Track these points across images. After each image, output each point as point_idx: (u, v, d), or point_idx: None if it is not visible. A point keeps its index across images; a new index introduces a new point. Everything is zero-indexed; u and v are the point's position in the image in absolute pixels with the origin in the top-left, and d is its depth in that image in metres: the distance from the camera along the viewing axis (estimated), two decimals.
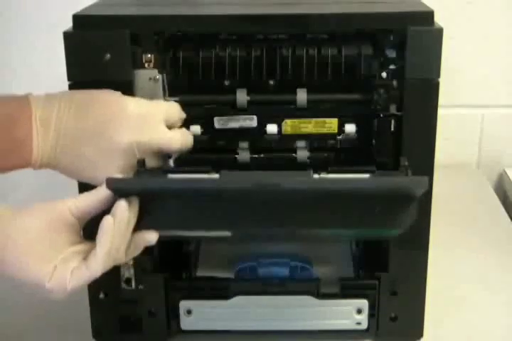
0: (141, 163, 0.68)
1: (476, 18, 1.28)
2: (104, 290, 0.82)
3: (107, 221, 0.61)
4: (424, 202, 0.77)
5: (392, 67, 0.74)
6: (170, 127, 0.71)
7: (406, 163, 0.68)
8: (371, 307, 0.82)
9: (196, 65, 0.75)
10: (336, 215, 0.65)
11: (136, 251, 0.66)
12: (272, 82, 0.76)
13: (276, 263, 0.85)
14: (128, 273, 0.81)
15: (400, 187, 0.64)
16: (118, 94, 0.70)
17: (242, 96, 0.76)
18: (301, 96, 0.76)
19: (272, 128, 0.78)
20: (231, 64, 0.75)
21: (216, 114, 0.77)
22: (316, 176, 0.68)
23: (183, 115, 0.73)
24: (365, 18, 0.74)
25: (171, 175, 0.68)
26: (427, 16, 0.73)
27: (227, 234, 0.67)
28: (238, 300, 0.81)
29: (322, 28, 0.74)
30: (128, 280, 0.81)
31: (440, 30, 0.72)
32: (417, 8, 0.76)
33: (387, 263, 0.80)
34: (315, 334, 0.83)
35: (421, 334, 0.84)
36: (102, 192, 0.63)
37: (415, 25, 0.72)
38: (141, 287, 0.81)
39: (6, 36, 1.31)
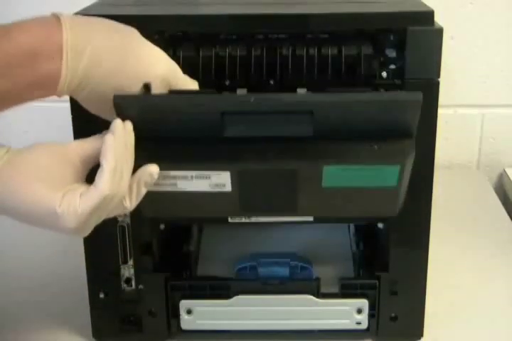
0: (147, 88, 0.68)
1: (476, 18, 1.29)
2: (104, 290, 0.82)
3: (108, 137, 0.62)
4: (424, 202, 0.77)
5: (392, 66, 0.74)
6: None
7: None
8: (371, 307, 0.82)
9: (196, 65, 0.75)
10: (334, 147, 0.66)
11: (140, 192, 0.65)
12: (272, 82, 0.76)
13: (276, 262, 0.85)
14: (128, 273, 0.81)
15: (396, 98, 0.65)
16: (159, 53, 0.69)
17: None
18: None
19: None
20: (231, 64, 0.75)
21: None
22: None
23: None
24: (365, 18, 0.74)
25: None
26: (427, 16, 0.73)
27: (226, 181, 0.67)
28: (238, 299, 0.81)
29: (322, 28, 0.74)
30: (128, 280, 0.81)
31: (440, 30, 0.72)
32: (417, 8, 0.76)
33: (387, 263, 0.80)
34: (315, 334, 0.83)
35: (421, 334, 0.84)
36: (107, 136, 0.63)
37: (415, 25, 0.72)
38: (141, 287, 0.81)
39: None
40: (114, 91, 0.65)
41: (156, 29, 0.74)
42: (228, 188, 0.69)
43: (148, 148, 0.66)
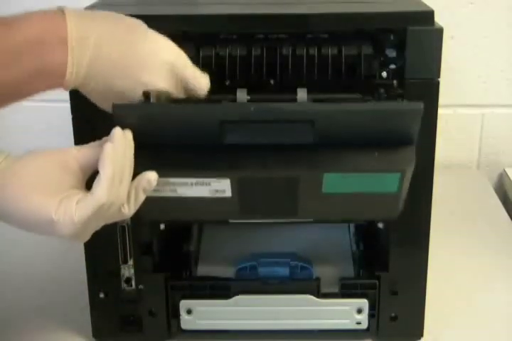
0: (147, 97, 0.68)
1: (476, 18, 1.29)
2: (104, 290, 0.82)
3: (107, 146, 0.62)
4: (424, 202, 0.77)
5: (392, 66, 0.74)
6: None
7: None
8: (371, 307, 0.82)
9: (196, 65, 0.75)
10: (334, 155, 0.66)
11: (138, 198, 0.65)
12: (272, 82, 0.76)
13: (276, 262, 0.85)
14: (128, 272, 0.81)
15: (397, 108, 0.65)
16: (164, 40, 0.68)
17: (242, 96, 0.76)
18: (302, 95, 0.76)
19: None
20: (231, 63, 0.75)
21: None
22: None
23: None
24: (365, 18, 0.74)
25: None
26: (427, 16, 0.73)
27: (226, 187, 0.67)
28: (238, 299, 0.81)
29: (322, 28, 0.74)
30: (128, 280, 0.81)
31: (440, 30, 0.72)
32: (417, 8, 0.76)
33: (387, 263, 0.80)
34: (315, 334, 0.83)
35: (421, 334, 0.84)
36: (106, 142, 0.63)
37: (415, 25, 0.72)
38: (141, 287, 0.81)
39: None
40: (121, 81, 0.65)
41: (156, 29, 0.73)
42: (228, 194, 0.69)
43: (148, 155, 0.65)
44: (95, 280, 0.82)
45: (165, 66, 0.67)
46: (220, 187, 0.68)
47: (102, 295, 0.82)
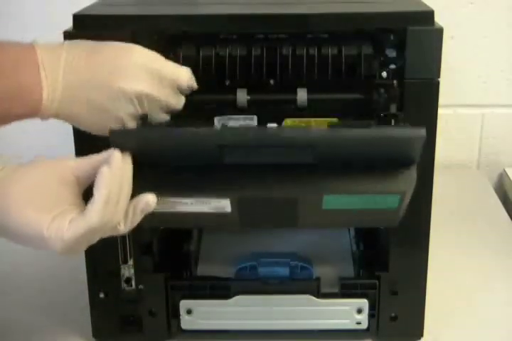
0: (144, 118, 0.68)
1: (476, 18, 1.28)
2: (104, 290, 0.82)
3: (103, 169, 0.61)
4: (424, 202, 0.77)
5: (392, 66, 0.74)
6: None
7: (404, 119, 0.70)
8: (371, 306, 0.82)
9: (196, 65, 0.75)
10: (335, 177, 0.65)
11: (135, 218, 0.65)
12: (272, 82, 0.76)
13: (276, 262, 0.85)
14: (128, 272, 0.81)
15: (399, 135, 0.64)
16: (129, 44, 0.69)
17: (242, 96, 0.76)
18: (302, 95, 0.76)
19: None
20: (231, 63, 0.75)
21: (216, 113, 0.77)
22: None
23: (194, 84, 0.72)
24: (365, 18, 0.74)
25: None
26: (427, 16, 0.73)
27: (226, 205, 0.67)
28: (238, 299, 0.81)
29: (322, 28, 0.74)
30: (128, 280, 0.81)
31: (440, 30, 0.72)
32: (417, 8, 0.76)
33: (387, 263, 0.80)
34: (315, 333, 0.83)
35: (421, 334, 0.84)
36: (104, 156, 0.63)
37: (415, 25, 0.72)
38: (141, 287, 0.81)
39: (6, 36, 1.31)
40: (98, 92, 0.65)
41: (156, 29, 0.74)
42: (228, 210, 0.69)
43: (147, 176, 0.65)
44: (95, 280, 0.82)
45: (139, 68, 0.67)
46: (220, 205, 0.68)
47: (102, 295, 0.82)
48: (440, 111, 0.74)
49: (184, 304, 0.82)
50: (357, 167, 0.65)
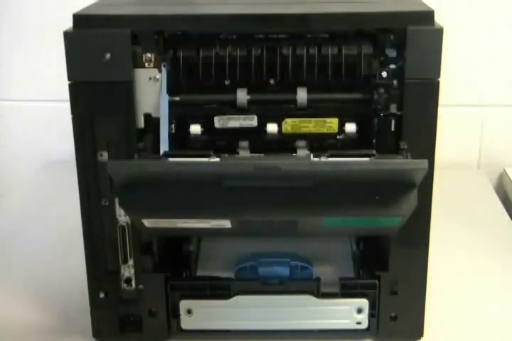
0: (142, 148, 0.68)
1: (476, 18, 1.29)
2: (104, 290, 0.82)
3: None
4: (424, 202, 0.77)
5: (392, 66, 0.74)
6: None
7: (405, 147, 0.69)
8: (371, 306, 0.82)
9: (196, 65, 0.75)
10: (335, 201, 0.65)
11: None
12: (272, 82, 0.76)
13: (276, 262, 0.85)
14: (128, 272, 0.81)
15: (400, 170, 0.64)
16: None
17: (242, 96, 0.76)
18: (302, 95, 0.76)
19: (272, 128, 0.78)
20: (231, 63, 0.75)
21: (216, 113, 0.77)
22: (315, 159, 0.69)
23: None
24: (365, 18, 0.74)
25: (171, 160, 0.69)
26: (427, 16, 0.73)
27: (227, 224, 0.67)
28: (238, 299, 0.81)
29: (322, 28, 0.74)
30: (128, 280, 0.81)
31: (440, 30, 0.72)
32: (417, 8, 0.76)
33: (387, 263, 0.80)
34: (315, 333, 0.83)
35: (421, 334, 0.84)
36: None
37: (415, 25, 0.72)
38: (141, 287, 0.81)
39: (6, 36, 1.31)
40: None
41: (156, 29, 0.74)
42: (228, 226, 0.69)
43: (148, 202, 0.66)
44: (95, 280, 0.82)
45: None
46: (221, 223, 0.69)
47: (102, 295, 0.82)
48: (440, 110, 0.74)
49: (184, 304, 0.82)
50: (356, 191, 0.65)
